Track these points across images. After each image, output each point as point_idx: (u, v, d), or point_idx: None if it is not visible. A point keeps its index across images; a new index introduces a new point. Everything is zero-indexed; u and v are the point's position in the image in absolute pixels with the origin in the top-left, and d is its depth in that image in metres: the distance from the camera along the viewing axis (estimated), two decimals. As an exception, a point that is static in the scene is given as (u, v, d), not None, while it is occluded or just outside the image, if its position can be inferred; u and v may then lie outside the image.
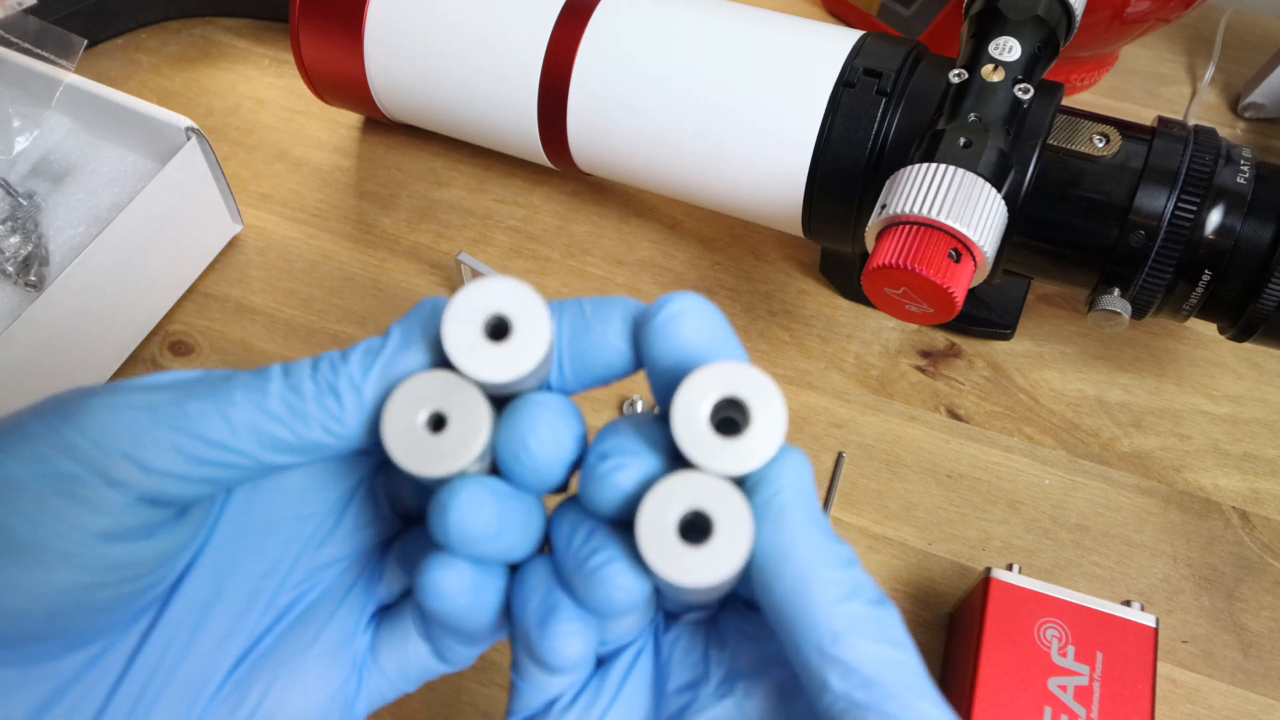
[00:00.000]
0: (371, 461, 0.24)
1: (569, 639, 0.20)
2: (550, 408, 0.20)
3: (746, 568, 0.19)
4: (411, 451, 0.19)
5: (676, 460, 0.20)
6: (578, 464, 0.21)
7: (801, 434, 0.45)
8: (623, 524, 0.20)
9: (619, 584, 0.19)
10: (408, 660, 0.23)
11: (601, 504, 0.20)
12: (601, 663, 0.23)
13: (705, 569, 0.18)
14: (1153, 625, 0.35)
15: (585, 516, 0.21)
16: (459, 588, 0.20)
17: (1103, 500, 0.43)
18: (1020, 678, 0.34)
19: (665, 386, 0.20)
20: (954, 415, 0.45)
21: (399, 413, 0.19)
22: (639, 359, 0.21)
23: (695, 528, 0.19)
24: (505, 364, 0.19)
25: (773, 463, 0.19)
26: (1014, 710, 0.33)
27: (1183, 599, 0.41)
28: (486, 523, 0.20)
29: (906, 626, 0.41)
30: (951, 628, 0.39)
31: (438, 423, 0.20)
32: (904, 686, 0.19)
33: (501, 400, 0.21)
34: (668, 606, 0.24)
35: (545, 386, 0.21)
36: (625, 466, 0.19)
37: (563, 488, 0.22)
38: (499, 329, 0.19)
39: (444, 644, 0.23)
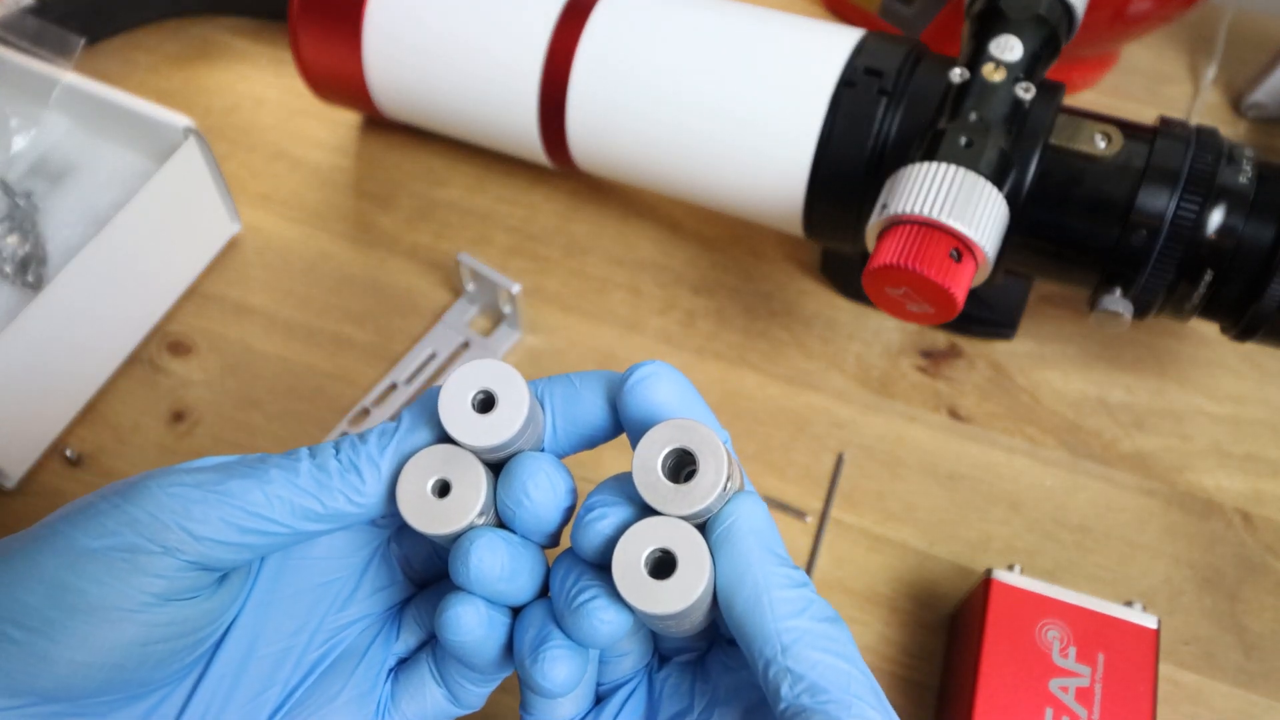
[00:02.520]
0: (385, 533, 0.27)
1: (557, 664, 0.23)
2: (543, 460, 0.24)
3: (713, 598, 0.22)
4: (422, 515, 0.23)
5: (650, 510, 0.22)
6: (571, 514, 0.25)
7: (802, 434, 0.44)
8: (609, 568, 0.22)
9: (601, 617, 0.22)
10: (425, 705, 0.26)
11: (588, 549, 0.23)
12: (601, 700, 0.26)
13: (671, 598, 0.21)
14: (1154, 626, 0.35)
15: (576, 563, 0.24)
16: (475, 621, 0.24)
17: (1104, 501, 0.43)
18: (1021, 679, 0.34)
19: (638, 441, 0.23)
20: (955, 416, 0.45)
21: (410, 483, 0.23)
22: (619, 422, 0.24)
23: (663, 564, 0.22)
24: (494, 430, 0.23)
25: (727, 503, 0.23)
26: (1015, 711, 0.33)
27: (1184, 600, 0.41)
28: (501, 565, 0.23)
29: (907, 628, 0.40)
30: (953, 629, 0.39)
31: (443, 489, 0.23)
32: (848, 693, 0.21)
33: (499, 465, 0.24)
34: (663, 650, 0.27)
35: (539, 450, 0.25)
36: (606, 516, 0.23)
37: (557, 541, 0.25)
38: (486, 403, 0.23)
39: (457, 684, 0.26)
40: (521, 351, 0.47)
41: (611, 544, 0.22)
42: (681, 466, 0.22)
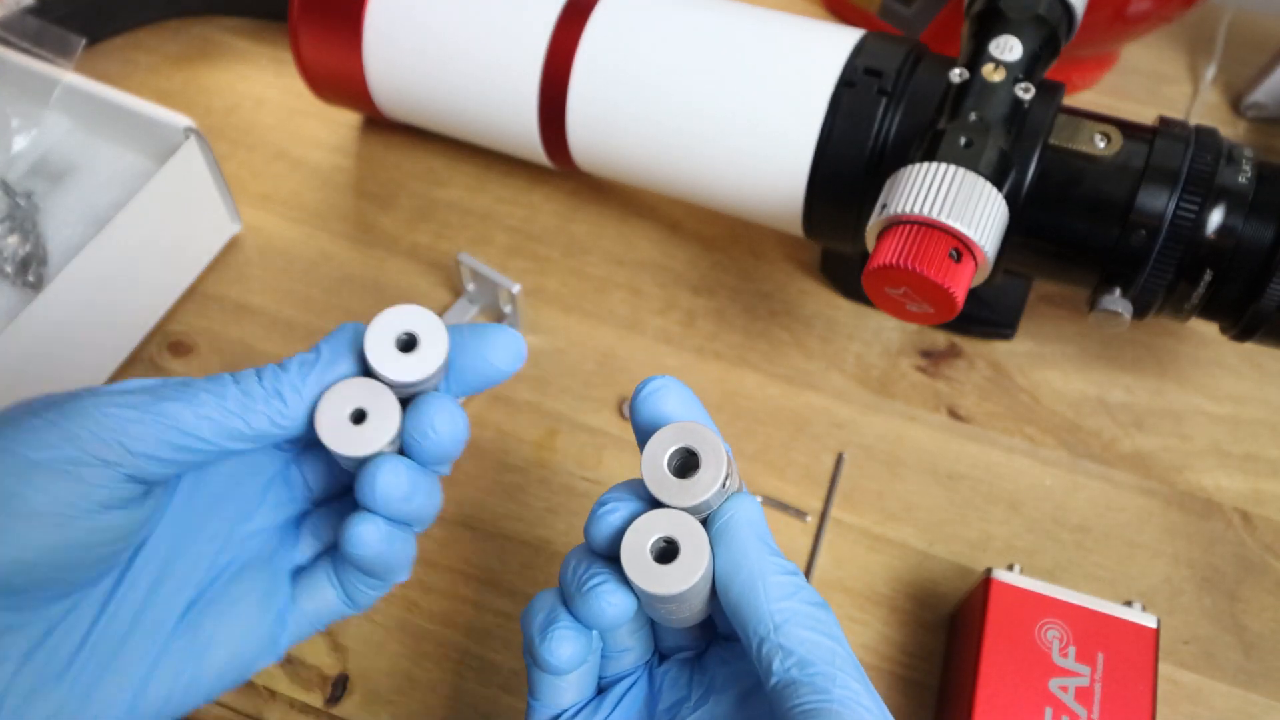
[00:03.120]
0: (287, 455, 0.31)
1: (564, 642, 0.26)
2: (447, 400, 0.27)
3: (712, 584, 0.25)
4: (339, 439, 0.26)
5: (657, 505, 0.25)
6: (462, 445, 0.28)
7: (802, 434, 0.45)
8: (618, 560, 0.25)
9: (609, 600, 0.25)
10: (322, 605, 0.30)
11: (599, 539, 0.25)
12: (603, 691, 0.29)
13: (673, 580, 0.24)
14: (1154, 626, 0.35)
15: (588, 554, 0.26)
16: (376, 537, 0.27)
17: (1104, 501, 0.43)
18: (1021, 678, 0.34)
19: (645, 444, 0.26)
20: (955, 415, 0.45)
21: (329, 410, 0.26)
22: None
23: (667, 551, 0.24)
24: (413, 368, 0.26)
25: (726, 501, 0.25)
26: (1015, 711, 0.33)
27: (1184, 600, 0.41)
28: (401, 487, 0.27)
29: (907, 627, 0.41)
30: (952, 628, 0.39)
31: (359, 416, 0.26)
32: (833, 666, 0.24)
33: (405, 402, 0.27)
34: (663, 648, 0.30)
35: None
36: (617, 510, 0.25)
37: (449, 469, 0.29)
38: (409, 344, 0.26)
39: (354, 589, 0.30)
40: (522, 351, 0.47)
41: (620, 535, 0.25)
42: (686, 465, 0.25)
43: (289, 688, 0.38)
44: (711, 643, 0.29)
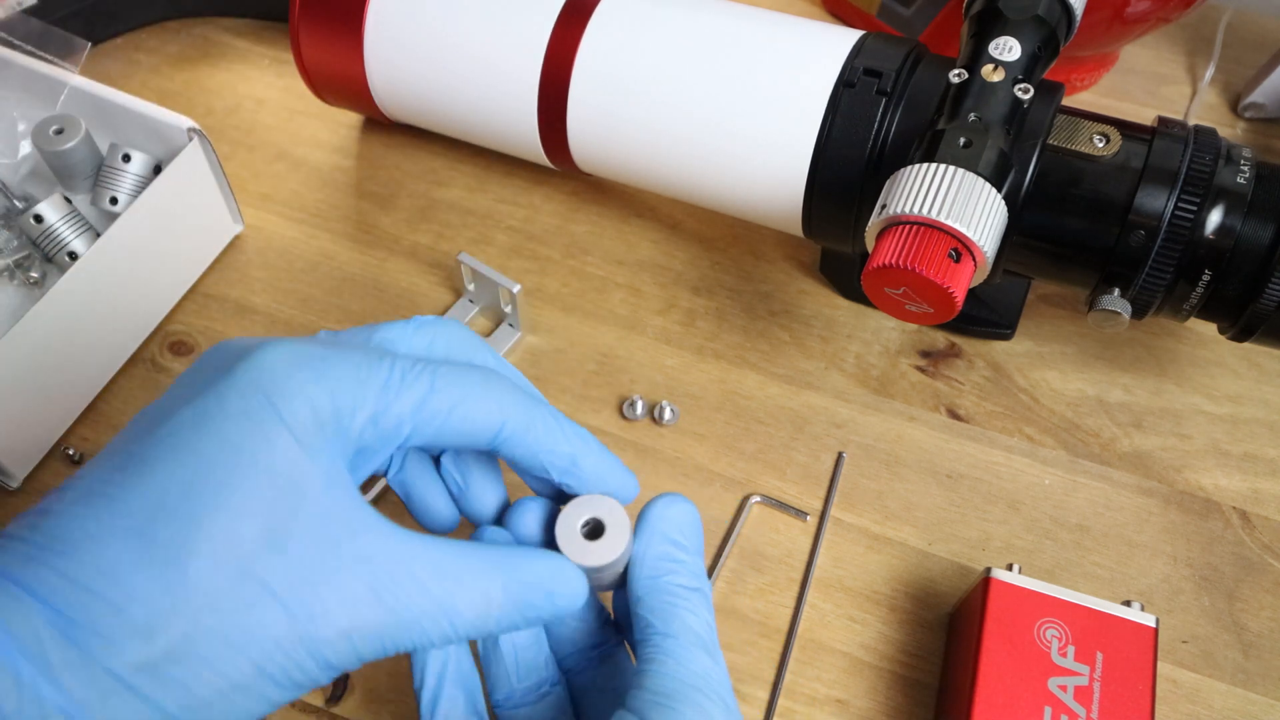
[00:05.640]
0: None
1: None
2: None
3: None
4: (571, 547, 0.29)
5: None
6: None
7: (801, 434, 0.45)
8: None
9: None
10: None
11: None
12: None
13: (602, 553, 0.28)
14: (1153, 625, 0.35)
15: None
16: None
17: (1103, 500, 0.43)
18: (1020, 678, 0.34)
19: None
20: (954, 415, 0.45)
21: (567, 523, 0.29)
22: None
23: (595, 531, 0.29)
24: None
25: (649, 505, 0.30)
26: (1014, 710, 0.33)
27: (1183, 599, 0.41)
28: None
29: (906, 626, 0.41)
30: (952, 628, 0.39)
31: (596, 530, 0.29)
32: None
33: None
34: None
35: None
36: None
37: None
38: (595, 531, 0.29)
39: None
40: (522, 351, 0.47)
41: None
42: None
43: (290, 687, 0.38)
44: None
